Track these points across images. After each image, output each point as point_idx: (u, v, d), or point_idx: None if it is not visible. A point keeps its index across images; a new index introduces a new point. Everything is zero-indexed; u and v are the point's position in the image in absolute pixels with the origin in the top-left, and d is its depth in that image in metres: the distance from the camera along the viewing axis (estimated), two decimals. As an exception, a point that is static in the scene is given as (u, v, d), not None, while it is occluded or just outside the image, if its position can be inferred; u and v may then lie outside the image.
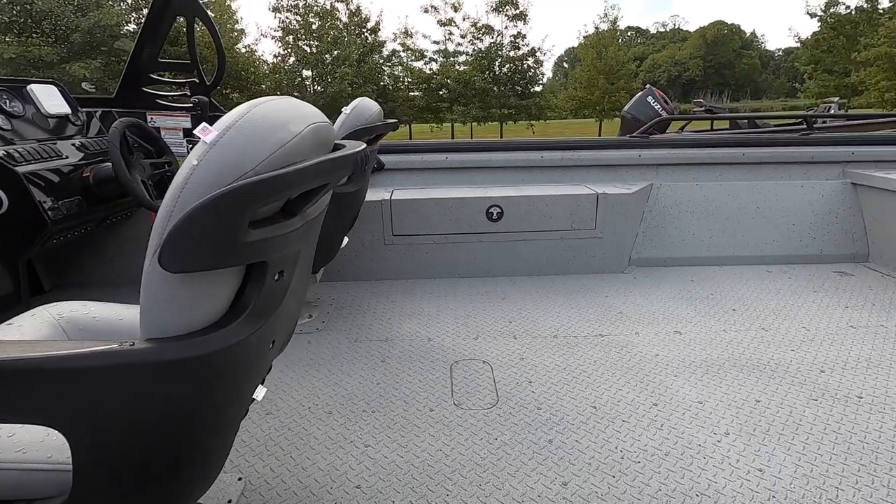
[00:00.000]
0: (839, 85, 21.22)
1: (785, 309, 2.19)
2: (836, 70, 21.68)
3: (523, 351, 1.88)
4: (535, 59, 20.96)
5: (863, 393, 1.56)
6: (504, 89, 20.68)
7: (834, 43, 21.36)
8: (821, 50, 22.35)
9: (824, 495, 1.17)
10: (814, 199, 2.79)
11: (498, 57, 21.01)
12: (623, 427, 1.43)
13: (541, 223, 2.56)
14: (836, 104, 9.65)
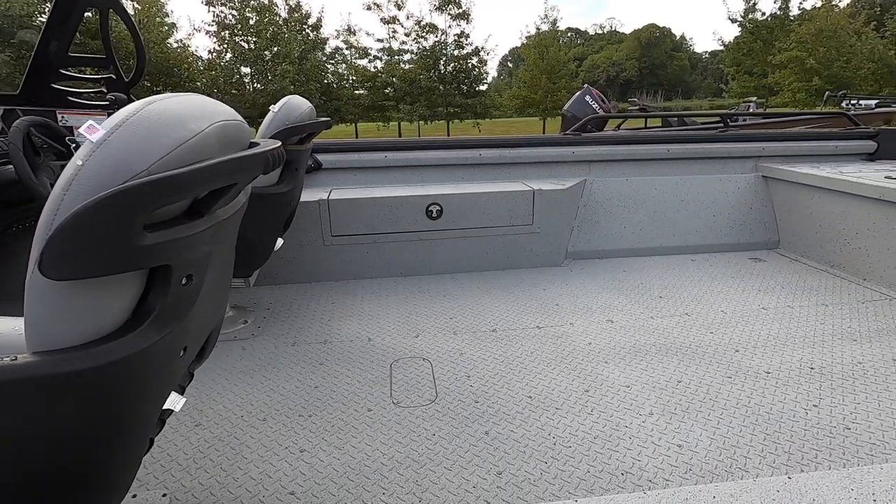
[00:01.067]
0: (758, 85, 22.85)
1: (706, 295, 2.35)
2: (755, 72, 23.32)
3: (463, 346, 1.90)
4: (479, 59, 21.20)
5: (770, 369, 1.70)
6: (449, 88, 20.78)
7: (752, 47, 22.98)
8: (741, 53, 23.97)
9: (734, 464, 1.27)
10: (731, 192, 3.00)
11: (442, 56, 21.08)
12: (556, 414, 1.49)
13: (480, 220, 2.60)
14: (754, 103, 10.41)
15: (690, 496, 0.69)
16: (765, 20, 22.86)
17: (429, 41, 21.16)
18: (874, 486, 0.67)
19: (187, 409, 1.52)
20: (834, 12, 20.36)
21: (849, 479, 0.69)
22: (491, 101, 24.05)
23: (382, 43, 22.12)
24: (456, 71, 21.24)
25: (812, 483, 0.68)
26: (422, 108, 20.40)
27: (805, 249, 2.82)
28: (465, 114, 21.18)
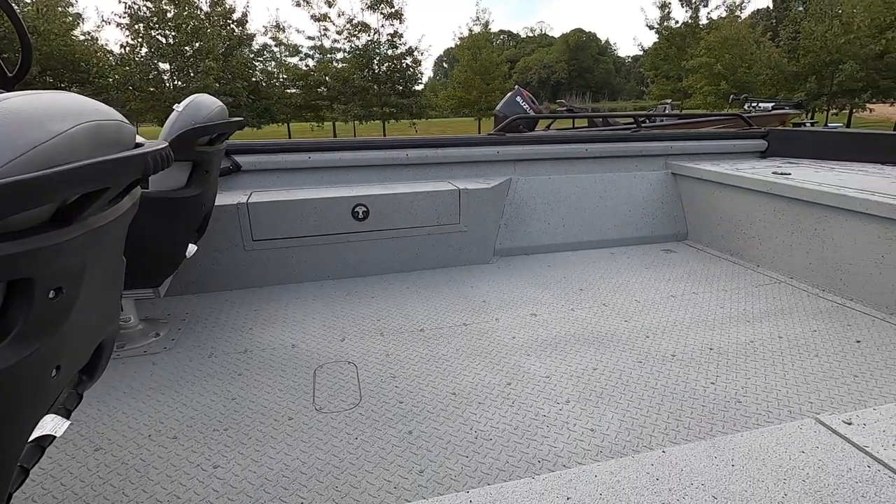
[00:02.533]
0: (675, 88, 24.60)
1: (622, 285, 2.49)
2: (671, 76, 25.09)
3: (389, 347, 1.90)
4: (414, 59, 21.24)
5: (675, 351, 1.83)
6: (384, 88, 20.65)
7: (668, 52, 24.72)
8: (659, 58, 25.70)
9: (640, 442, 1.36)
10: (644, 188, 3.21)
11: (376, 55, 20.89)
12: (479, 408, 1.52)
13: (407, 220, 2.60)
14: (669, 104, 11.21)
15: (574, 477, 0.73)
16: (678, 28, 24.60)
17: (361, 40, 20.91)
18: (734, 452, 0.74)
19: (86, 433, 1.41)
20: (737, 23, 22.28)
21: (713, 447, 0.76)
22: (427, 101, 24.16)
23: (314, 41, 21.60)
24: (390, 71, 21.13)
25: (682, 454, 0.75)
26: (356, 108, 20.11)
27: (709, 240, 3.06)
28: (401, 114, 21.13)
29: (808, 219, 2.41)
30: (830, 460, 0.70)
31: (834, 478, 0.67)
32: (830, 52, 19.01)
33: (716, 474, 0.68)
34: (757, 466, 0.69)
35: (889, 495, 0.63)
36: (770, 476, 0.68)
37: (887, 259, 2.08)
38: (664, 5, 24.29)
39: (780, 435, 0.77)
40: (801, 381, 1.63)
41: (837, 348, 1.83)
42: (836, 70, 19.08)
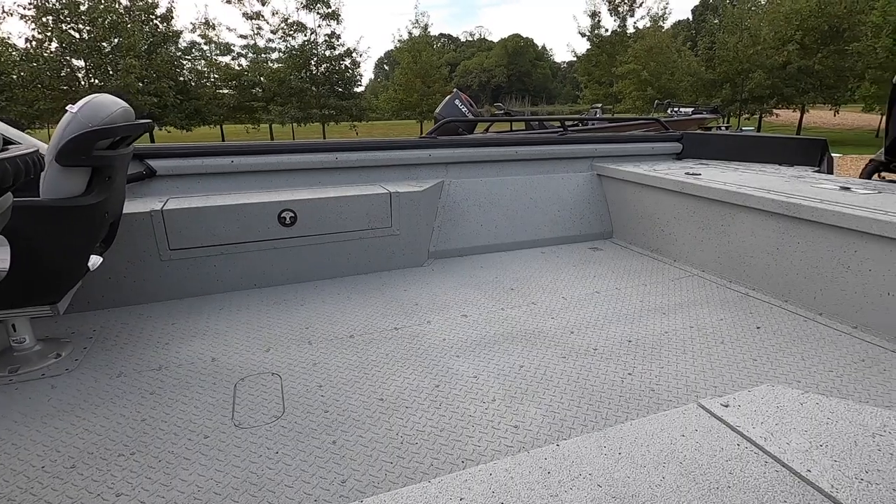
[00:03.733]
0: (606, 93, 25.84)
1: (551, 284, 2.57)
2: (603, 81, 26.32)
3: (317, 356, 1.85)
4: (353, 60, 20.93)
5: (597, 345, 1.92)
6: (323, 89, 20.19)
7: (599, 59, 25.93)
8: (591, 64, 26.89)
9: (561, 436, 1.40)
10: (572, 189, 3.33)
11: (313, 56, 20.40)
12: (406, 413, 1.51)
13: (338, 225, 2.55)
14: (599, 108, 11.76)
15: (471, 477, 0.74)
16: (608, 36, 25.85)
17: (298, 40, 20.35)
18: (622, 441, 0.78)
19: None
20: (660, 33, 23.74)
21: (604, 438, 0.80)
22: (367, 103, 23.91)
23: (246, 40, 20.78)
24: (329, 72, 20.72)
25: (574, 447, 0.78)
26: (294, 110, 19.53)
27: (632, 237, 3.23)
28: (341, 116, 20.75)
29: (714, 216, 2.60)
30: (706, 441, 0.76)
31: (707, 457, 0.72)
32: (741, 61, 20.69)
33: (603, 463, 0.72)
34: (641, 453, 0.74)
35: (752, 470, 0.69)
36: (652, 461, 0.72)
37: (781, 251, 2.28)
38: (594, 14, 25.46)
39: (664, 421, 0.82)
40: (708, 366, 1.75)
41: (740, 334, 1.99)
42: (746, 78, 20.78)
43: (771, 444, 0.73)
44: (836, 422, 0.77)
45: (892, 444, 0.71)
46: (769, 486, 0.65)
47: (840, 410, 0.80)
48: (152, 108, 17.77)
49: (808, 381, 1.66)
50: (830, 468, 0.67)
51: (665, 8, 24.68)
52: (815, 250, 2.14)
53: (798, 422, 0.78)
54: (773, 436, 0.75)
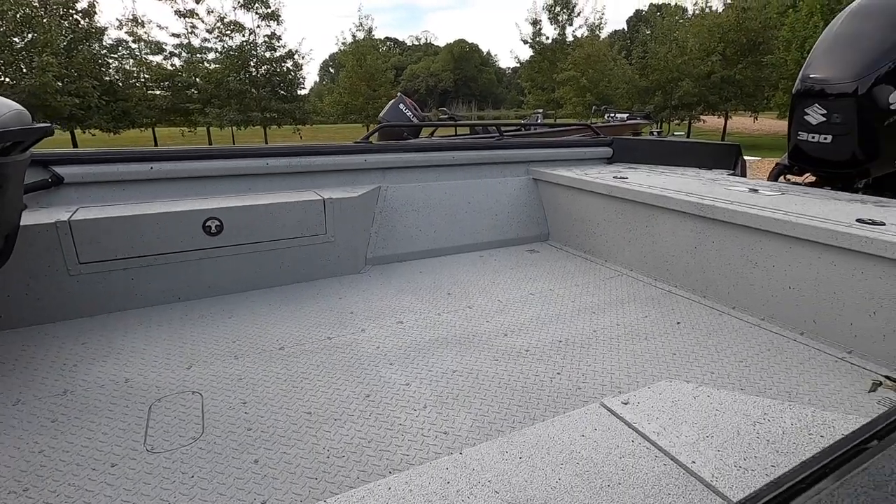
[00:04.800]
0: (549, 99, 26.65)
1: (488, 287, 2.60)
2: (545, 87, 27.13)
3: (243, 371, 1.77)
4: (295, 62, 20.41)
5: (529, 347, 1.95)
6: (263, 91, 19.54)
7: (541, 66, 26.72)
8: (534, 70, 27.66)
9: (489, 437, 1.41)
10: (509, 193, 3.40)
11: (253, 57, 19.72)
12: (334, 425, 1.47)
13: (269, 232, 2.46)
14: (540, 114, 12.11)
15: (368, 493, 0.73)
16: (549, 44, 26.68)
17: (235, 40, 19.60)
18: (524, 445, 0.80)
19: None
20: (597, 41, 24.79)
21: (507, 443, 0.81)
22: (312, 106, 23.39)
23: (179, 38, 19.79)
24: (270, 74, 20.09)
25: (477, 454, 0.79)
26: (233, 113, 18.77)
27: (567, 239, 3.34)
28: (284, 119, 20.16)
29: (640, 217, 2.73)
30: (603, 440, 0.79)
31: (603, 456, 0.75)
32: (671, 70, 21.98)
33: (503, 469, 0.73)
34: (541, 455, 0.76)
35: (643, 465, 0.72)
36: (550, 463, 0.74)
37: (699, 250, 2.43)
38: (535, 22, 26.24)
39: (567, 422, 0.85)
40: (632, 362, 1.83)
41: (662, 330, 2.09)
42: (675, 86, 22.09)
43: (662, 439, 0.77)
44: (723, 413, 0.83)
45: (769, 431, 0.76)
46: (657, 480, 0.68)
47: (728, 402, 0.86)
48: (74, 109, 16.53)
49: (719, 371, 1.76)
50: (713, 458, 0.72)
51: (601, 18, 25.83)
52: (728, 248, 2.29)
53: (689, 415, 0.83)
54: (665, 430, 0.79)
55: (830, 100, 2.76)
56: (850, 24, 2.82)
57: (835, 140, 2.78)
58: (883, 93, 2.66)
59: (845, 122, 2.73)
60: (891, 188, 2.93)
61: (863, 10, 2.83)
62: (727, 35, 21.04)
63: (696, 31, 21.81)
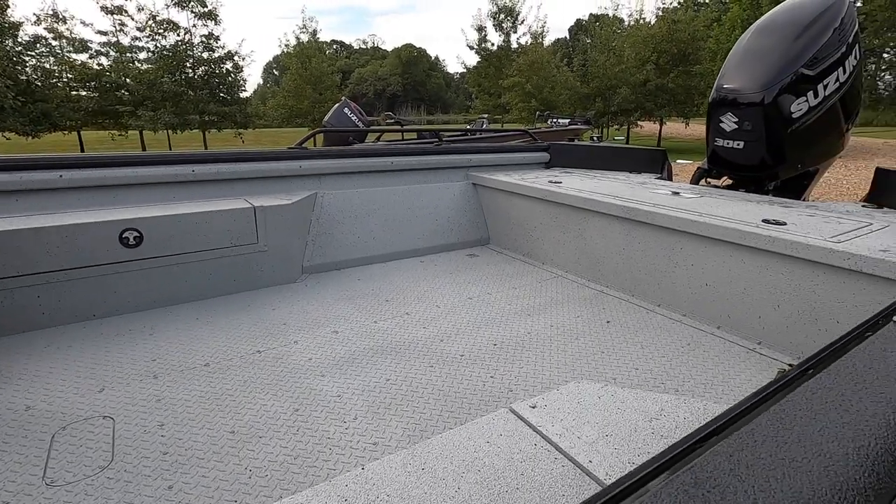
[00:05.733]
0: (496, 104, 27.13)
1: (427, 292, 2.60)
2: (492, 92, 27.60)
3: (162, 391, 1.67)
4: (235, 64, 19.67)
5: (464, 351, 1.97)
6: (201, 94, 18.68)
7: (488, 71, 27.18)
8: (481, 76, 28.09)
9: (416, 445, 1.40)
10: (449, 198, 3.42)
11: (189, 57, 18.83)
12: (259, 444, 1.42)
13: (195, 243, 2.35)
14: (486, 119, 12.31)
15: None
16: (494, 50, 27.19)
17: (170, 39, 18.65)
18: (428, 455, 0.80)
19: None
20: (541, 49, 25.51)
21: (410, 455, 0.81)
22: (255, 109, 22.61)
23: (107, 36, 18.59)
24: (208, 75, 19.24)
25: (379, 469, 0.78)
26: (168, 115, 17.82)
27: (506, 243, 3.40)
28: (224, 123, 19.36)
29: (573, 220, 2.83)
30: (508, 445, 0.80)
31: (505, 462, 0.76)
32: (610, 78, 22.97)
33: (404, 482, 0.73)
34: (443, 465, 0.76)
35: (543, 468, 0.74)
36: (452, 472, 0.74)
37: (627, 251, 2.54)
38: (481, 28, 26.68)
39: (474, 428, 0.86)
40: (563, 362, 1.88)
41: (593, 330, 2.17)
42: (614, 93, 23.10)
43: (564, 441, 0.79)
44: (624, 411, 0.86)
45: (664, 426, 0.80)
46: (554, 482, 0.70)
47: (629, 400, 0.90)
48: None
49: (643, 367, 1.85)
50: (609, 457, 0.75)
51: (543, 26, 26.62)
52: (652, 249, 2.41)
53: (592, 415, 0.86)
54: (568, 432, 0.82)
55: (741, 108, 2.98)
56: (756, 40, 3.06)
57: (746, 146, 2.99)
58: (786, 102, 2.89)
59: (755, 129, 2.95)
60: (795, 189, 3.19)
61: (767, 26, 3.07)
62: (660, 45, 22.25)
63: (631, 42, 22.92)
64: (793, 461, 0.39)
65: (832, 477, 0.38)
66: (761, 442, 0.42)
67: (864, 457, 0.40)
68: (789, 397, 0.49)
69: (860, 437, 0.42)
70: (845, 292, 1.74)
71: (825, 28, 2.84)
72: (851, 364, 0.56)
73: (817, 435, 0.43)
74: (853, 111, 3.12)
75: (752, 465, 0.39)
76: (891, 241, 1.80)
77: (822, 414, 0.46)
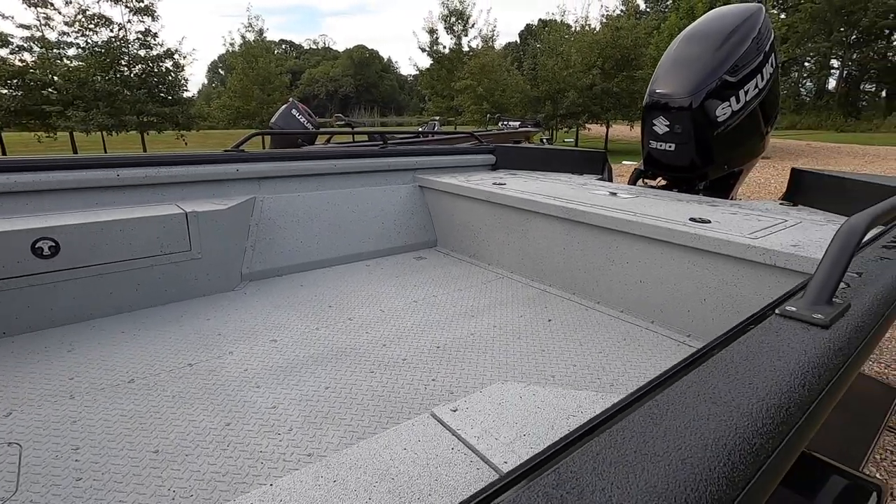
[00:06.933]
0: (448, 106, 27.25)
1: (371, 297, 2.57)
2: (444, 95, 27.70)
3: (79, 411, 1.56)
4: (175, 63, 18.75)
5: (407, 355, 1.95)
6: (139, 93, 17.68)
7: (440, 74, 27.26)
8: (433, 78, 28.13)
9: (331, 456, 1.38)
10: (396, 201, 3.40)
11: (124, 55, 17.79)
12: (184, 463, 1.34)
13: (120, 252, 2.21)
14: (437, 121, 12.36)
15: None
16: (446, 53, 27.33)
17: (102, 35, 17.56)
18: (341, 466, 0.79)
19: None
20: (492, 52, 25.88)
21: (324, 467, 0.80)
22: (198, 110, 21.64)
23: (30, 31, 17.27)
24: (145, 74, 18.25)
25: (289, 484, 0.76)
26: (101, 116, 16.76)
27: (454, 245, 3.41)
28: (164, 124, 18.41)
29: (516, 221, 2.87)
30: (424, 451, 0.80)
31: (420, 468, 0.76)
32: (558, 81, 23.59)
33: (313, 497, 0.71)
34: (356, 476, 0.75)
35: (457, 472, 0.74)
36: (364, 483, 0.73)
37: (567, 250, 2.61)
38: (432, 31, 26.74)
39: (392, 436, 0.85)
40: (503, 362, 1.90)
41: (535, 329, 2.21)
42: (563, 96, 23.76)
43: (481, 443, 0.80)
44: (542, 410, 0.88)
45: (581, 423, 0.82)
46: (467, 487, 0.70)
47: (549, 398, 0.92)
48: None
49: (581, 363, 1.90)
50: (525, 456, 0.76)
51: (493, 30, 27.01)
52: (590, 248, 2.48)
53: (511, 415, 0.87)
54: (486, 434, 0.82)
55: (672, 112, 3.12)
56: (684, 48, 3.22)
57: (677, 148, 3.14)
58: (712, 106, 3.06)
59: (684, 132, 3.10)
60: (723, 188, 3.38)
61: (693, 35, 3.24)
62: (605, 51, 23.07)
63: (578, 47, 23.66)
64: (654, 455, 0.41)
65: (688, 469, 0.39)
66: (629, 438, 0.44)
67: (721, 447, 0.42)
68: (666, 392, 0.51)
69: (721, 429, 0.45)
70: (762, 285, 1.86)
71: (744, 38, 3.03)
72: (729, 357, 0.60)
73: (683, 428, 0.45)
74: (772, 115, 3.34)
75: (616, 461, 0.40)
76: (801, 237, 1.94)
77: (692, 407, 0.48)
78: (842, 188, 2.57)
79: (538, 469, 0.41)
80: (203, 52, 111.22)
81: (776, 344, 0.63)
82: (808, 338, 0.64)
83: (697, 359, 0.61)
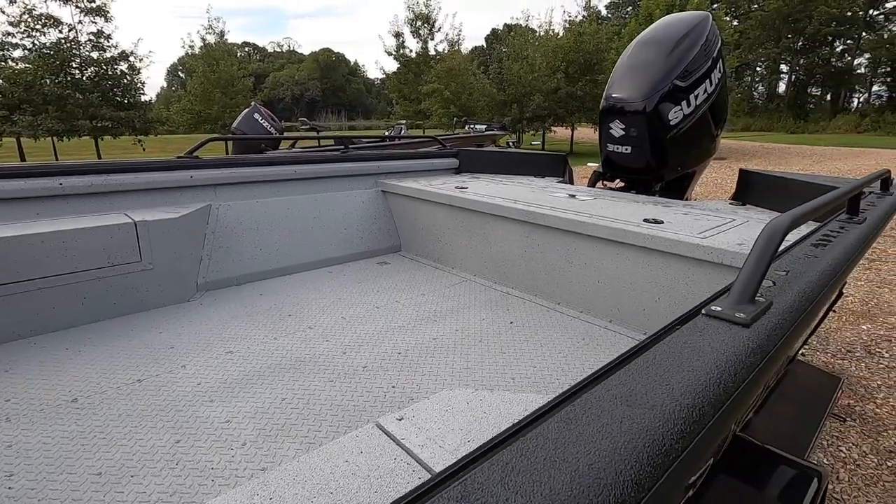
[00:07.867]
0: (416, 110, 27.24)
1: (333, 304, 2.53)
2: (412, 98, 27.69)
3: (15, 435, 1.47)
4: (130, 65, 18.07)
5: (367, 363, 1.93)
6: (92, 97, 16.95)
7: (407, 77, 27.23)
8: (400, 82, 28.07)
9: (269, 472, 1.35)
10: (358, 206, 3.36)
11: (75, 57, 17.04)
12: (130, 485, 1.29)
13: (62, 265, 2.11)
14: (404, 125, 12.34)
15: None
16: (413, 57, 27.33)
17: (50, 37, 16.77)
18: (277, 485, 0.77)
19: None
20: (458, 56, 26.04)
21: (261, 484, 0.77)
22: (157, 114, 20.91)
23: (-30, 31, 16.33)
24: (98, 77, 17.53)
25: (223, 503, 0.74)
26: (51, 121, 15.98)
27: (418, 249, 3.40)
28: (120, 129, 17.71)
29: (478, 225, 2.89)
30: (366, 462, 0.79)
31: (360, 480, 0.75)
32: (524, 85, 23.94)
33: None
34: (294, 492, 0.73)
35: (400, 482, 0.74)
36: (303, 499, 0.72)
37: (528, 253, 2.64)
38: (398, 35, 26.71)
39: (335, 448, 0.84)
40: (465, 367, 1.91)
41: (497, 331, 2.22)
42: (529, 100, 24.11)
43: (425, 452, 0.79)
44: (489, 415, 0.88)
45: None
46: (408, 498, 0.70)
47: (496, 403, 0.92)
48: None
49: (541, 364, 1.92)
50: None
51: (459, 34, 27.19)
52: (550, 250, 2.52)
53: (458, 422, 0.87)
54: (430, 442, 0.82)
55: (628, 116, 3.21)
56: (638, 53, 3.31)
57: (633, 150, 3.23)
58: (665, 110, 3.16)
59: (639, 135, 3.19)
60: (678, 189, 3.50)
61: (647, 41, 3.34)
62: (568, 55, 23.55)
63: (543, 51, 24.07)
64: (564, 462, 0.41)
65: (594, 474, 0.40)
66: (542, 445, 0.44)
67: (630, 450, 0.43)
68: (585, 396, 0.52)
69: (633, 431, 0.46)
70: (712, 283, 1.93)
71: (693, 44, 3.15)
72: (653, 357, 0.61)
73: (595, 433, 0.46)
74: (722, 118, 3.47)
75: (525, 469, 0.40)
76: (746, 235, 2.02)
77: (608, 411, 0.49)
78: (786, 188, 2.70)
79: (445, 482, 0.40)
80: (161, 54, 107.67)
81: (699, 343, 0.64)
82: (728, 337, 0.67)
83: (623, 360, 0.62)
